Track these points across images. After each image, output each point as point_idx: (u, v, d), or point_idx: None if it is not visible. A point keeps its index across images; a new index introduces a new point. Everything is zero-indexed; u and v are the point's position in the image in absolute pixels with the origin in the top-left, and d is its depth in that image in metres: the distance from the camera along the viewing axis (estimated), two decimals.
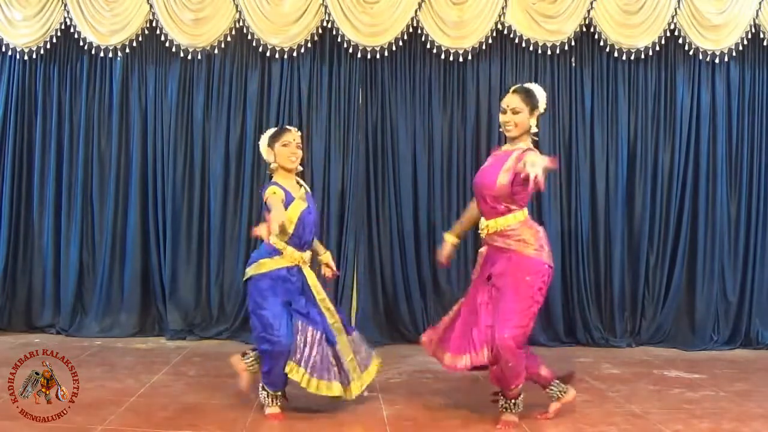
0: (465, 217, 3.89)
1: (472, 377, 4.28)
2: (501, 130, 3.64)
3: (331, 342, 3.62)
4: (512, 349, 3.33)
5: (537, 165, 3.16)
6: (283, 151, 3.70)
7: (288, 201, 3.61)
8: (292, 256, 3.66)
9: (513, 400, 3.53)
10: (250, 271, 3.67)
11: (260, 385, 3.67)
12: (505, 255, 3.47)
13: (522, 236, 3.47)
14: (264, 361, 3.61)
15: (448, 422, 3.62)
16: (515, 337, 3.33)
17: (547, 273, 3.47)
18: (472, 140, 5.70)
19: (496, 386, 3.56)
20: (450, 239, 3.84)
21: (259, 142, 3.87)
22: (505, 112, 3.52)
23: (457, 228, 3.89)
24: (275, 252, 3.65)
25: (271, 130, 3.83)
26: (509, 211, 3.48)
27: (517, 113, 3.48)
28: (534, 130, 3.56)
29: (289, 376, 3.53)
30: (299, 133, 3.79)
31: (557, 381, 3.67)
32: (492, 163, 3.59)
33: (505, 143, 3.67)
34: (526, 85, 3.69)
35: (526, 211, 3.56)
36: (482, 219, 3.58)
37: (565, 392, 3.67)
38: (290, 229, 3.62)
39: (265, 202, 3.55)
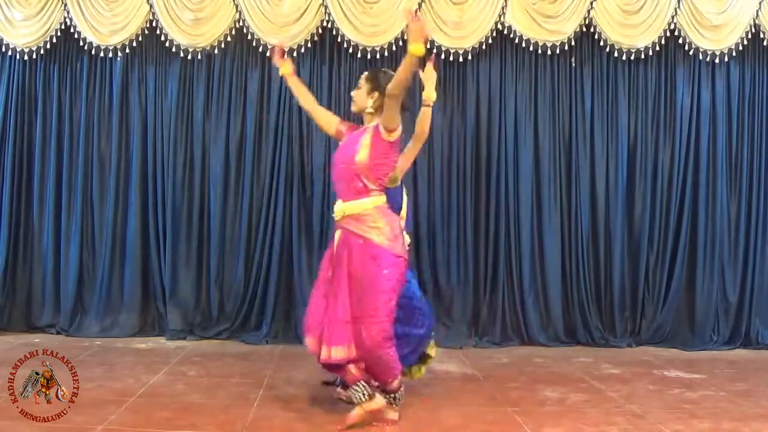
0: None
1: (473, 377, 4.28)
2: None
3: None
4: (381, 344, 3.32)
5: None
6: None
7: None
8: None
9: (394, 394, 3.48)
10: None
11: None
12: (359, 243, 3.39)
13: (377, 224, 3.41)
14: (408, 344, 3.71)
15: (448, 422, 3.62)
16: (382, 331, 3.31)
17: (403, 265, 3.47)
18: (472, 140, 5.69)
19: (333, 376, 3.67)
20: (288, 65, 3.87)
21: None
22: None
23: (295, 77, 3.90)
24: None
25: None
26: (368, 192, 3.43)
27: (358, 89, 3.62)
28: (370, 110, 3.55)
29: (428, 352, 3.89)
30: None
31: (364, 384, 3.40)
32: (348, 141, 3.57)
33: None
34: (383, 68, 3.81)
35: (384, 197, 3.51)
36: (338, 201, 3.51)
37: (370, 398, 3.40)
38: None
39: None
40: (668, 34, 5.62)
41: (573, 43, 5.64)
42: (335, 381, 3.88)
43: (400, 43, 5.55)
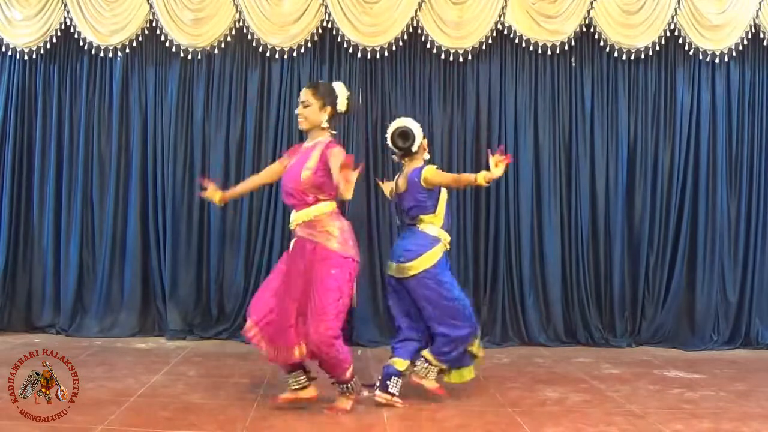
0: (239, 187, 4.08)
1: (473, 377, 4.27)
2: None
3: None
4: (330, 342, 3.44)
5: (350, 179, 3.24)
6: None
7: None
8: (446, 241, 3.90)
9: (347, 384, 3.62)
10: (422, 264, 3.76)
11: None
12: (310, 247, 3.55)
13: (326, 227, 3.56)
14: (450, 344, 3.77)
15: (448, 422, 3.62)
16: (329, 329, 3.43)
17: (352, 266, 3.59)
18: (472, 140, 5.70)
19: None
20: (218, 194, 3.86)
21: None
22: (298, 106, 3.68)
23: (228, 193, 3.94)
24: (436, 240, 3.83)
25: None
26: (317, 201, 3.58)
27: (307, 107, 3.62)
28: (324, 125, 3.64)
29: (474, 351, 3.88)
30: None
31: (300, 372, 3.66)
32: (297, 162, 3.66)
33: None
34: (326, 81, 3.89)
35: (334, 204, 3.64)
36: (293, 212, 3.65)
37: (303, 387, 3.66)
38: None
39: (428, 177, 3.80)
40: (668, 34, 5.62)
41: (573, 43, 5.64)
42: (375, 384, 3.89)
43: (400, 43, 5.56)
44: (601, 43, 5.65)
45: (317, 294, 3.48)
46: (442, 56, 5.60)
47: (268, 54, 5.59)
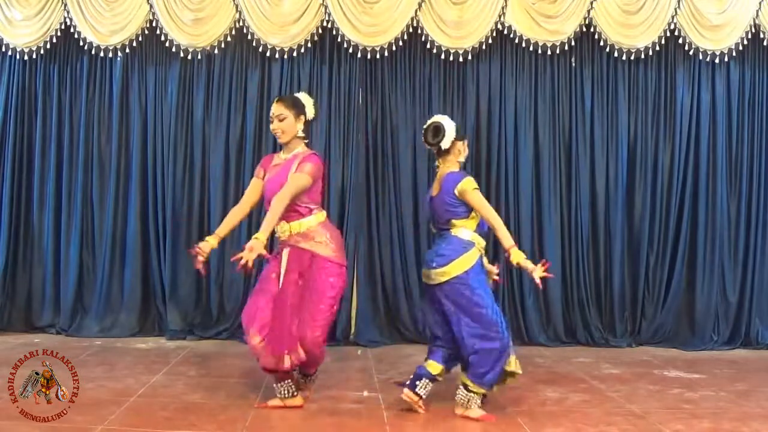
0: (227, 222, 3.92)
1: None
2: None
3: None
4: (321, 345, 3.63)
5: (254, 250, 3.40)
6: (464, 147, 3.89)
7: None
8: (481, 246, 3.76)
9: (311, 377, 3.86)
10: (454, 269, 3.63)
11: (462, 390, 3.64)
12: (307, 256, 3.66)
13: (322, 238, 3.68)
14: (484, 362, 3.56)
15: (449, 422, 3.62)
16: (323, 333, 3.61)
17: (344, 274, 3.77)
18: (472, 140, 5.67)
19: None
20: (212, 242, 3.77)
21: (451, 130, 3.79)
22: (272, 121, 3.74)
23: (221, 231, 3.88)
24: (470, 245, 3.70)
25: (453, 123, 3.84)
26: (310, 211, 3.70)
27: (283, 119, 3.71)
28: (300, 134, 3.76)
29: (507, 369, 3.64)
30: None
31: (289, 381, 3.69)
32: (278, 173, 3.72)
33: (280, 150, 3.86)
34: (290, 94, 4.03)
35: (324, 212, 3.79)
36: (282, 223, 3.69)
37: (292, 396, 3.71)
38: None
39: (466, 194, 3.66)
40: (668, 34, 5.62)
41: (573, 43, 5.64)
42: (405, 382, 3.83)
43: (400, 43, 5.56)
44: (601, 43, 5.65)
45: (315, 301, 3.59)
46: (442, 56, 5.59)
47: (268, 54, 5.59)
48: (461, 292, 3.61)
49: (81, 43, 5.62)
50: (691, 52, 5.66)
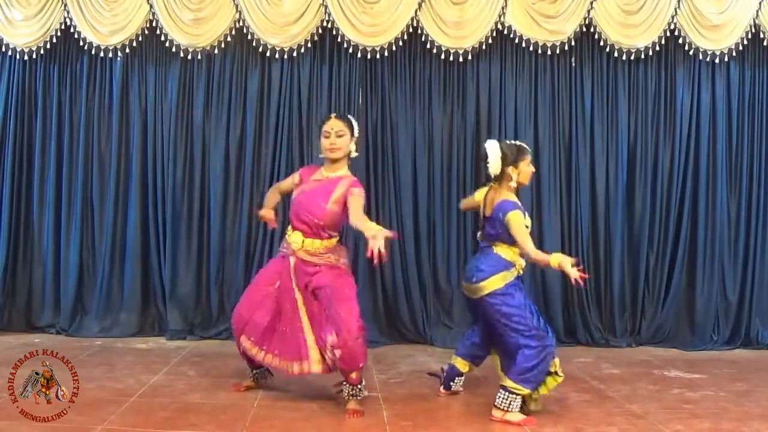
0: (270, 200, 4.10)
1: (473, 377, 4.28)
2: (322, 155, 3.87)
3: None
4: (359, 333, 3.58)
5: (378, 239, 3.25)
6: (527, 170, 3.86)
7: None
8: (520, 266, 3.80)
9: (357, 386, 3.71)
10: (491, 285, 3.70)
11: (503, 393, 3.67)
12: (318, 268, 3.75)
13: (330, 257, 3.78)
14: (532, 357, 3.61)
15: (448, 422, 3.62)
16: (359, 323, 3.59)
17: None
18: (472, 140, 5.69)
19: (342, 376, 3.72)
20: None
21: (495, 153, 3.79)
22: (328, 136, 3.78)
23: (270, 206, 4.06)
24: (511, 265, 3.75)
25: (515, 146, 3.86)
26: (329, 237, 3.78)
27: (341, 136, 3.78)
28: (354, 155, 3.89)
29: (551, 370, 3.71)
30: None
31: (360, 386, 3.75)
32: (317, 189, 3.77)
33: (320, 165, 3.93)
34: (346, 113, 4.15)
35: (336, 238, 3.86)
36: (296, 233, 3.76)
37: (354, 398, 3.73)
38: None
39: (510, 223, 3.67)
40: (668, 34, 5.62)
41: (573, 43, 5.63)
42: (439, 373, 4.00)
43: (400, 43, 5.56)
44: (601, 43, 5.64)
45: (337, 306, 3.61)
46: (442, 56, 5.59)
47: (268, 54, 5.59)
48: (498, 306, 3.69)
49: (81, 43, 5.62)
50: (691, 52, 5.66)
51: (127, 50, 5.64)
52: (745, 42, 5.62)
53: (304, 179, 3.89)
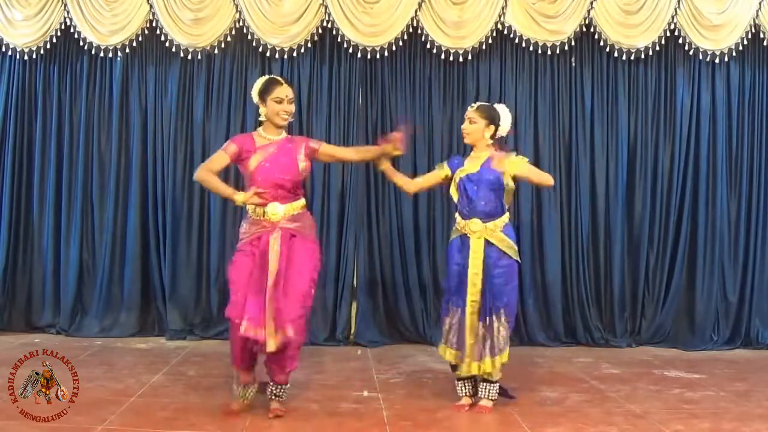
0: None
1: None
2: (273, 121, 3.71)
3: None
4: (303, 326, 3.54)
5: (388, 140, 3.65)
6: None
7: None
8: (458, 225, 3.88)
9: (284, 386, 3.62)
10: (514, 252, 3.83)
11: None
12: (296, 239, 3.64)
13: (305, 222, 3.73)
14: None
15: (448, 422, 3.62)
16: (305, 314, 3.57)
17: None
18: None
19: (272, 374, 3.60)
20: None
21: None
22: (281, 102, 3.67)
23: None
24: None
25: None
26: (298, 197, 3.73)
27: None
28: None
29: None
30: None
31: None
32: (279, 151, 3.68)
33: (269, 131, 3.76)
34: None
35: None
36: (276, 205, 3.61)
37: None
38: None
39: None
40: (668, 34, 5.61)
41: (573, 43, 5.63)
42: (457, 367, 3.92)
43: (400, 43, 5.56)
44: (601, 43, 5.64)
45: (298, 281, 3.54)
46: (442, 56, 5.59)
47: (268, 54, 5.59)
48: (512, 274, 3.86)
49: (81, 43, 5.62)
50: (691, 52, 5.66)
51: (127, 50, 5.64)
52: (745, 42, 5.62)
53: (249, 148, 3.69)
